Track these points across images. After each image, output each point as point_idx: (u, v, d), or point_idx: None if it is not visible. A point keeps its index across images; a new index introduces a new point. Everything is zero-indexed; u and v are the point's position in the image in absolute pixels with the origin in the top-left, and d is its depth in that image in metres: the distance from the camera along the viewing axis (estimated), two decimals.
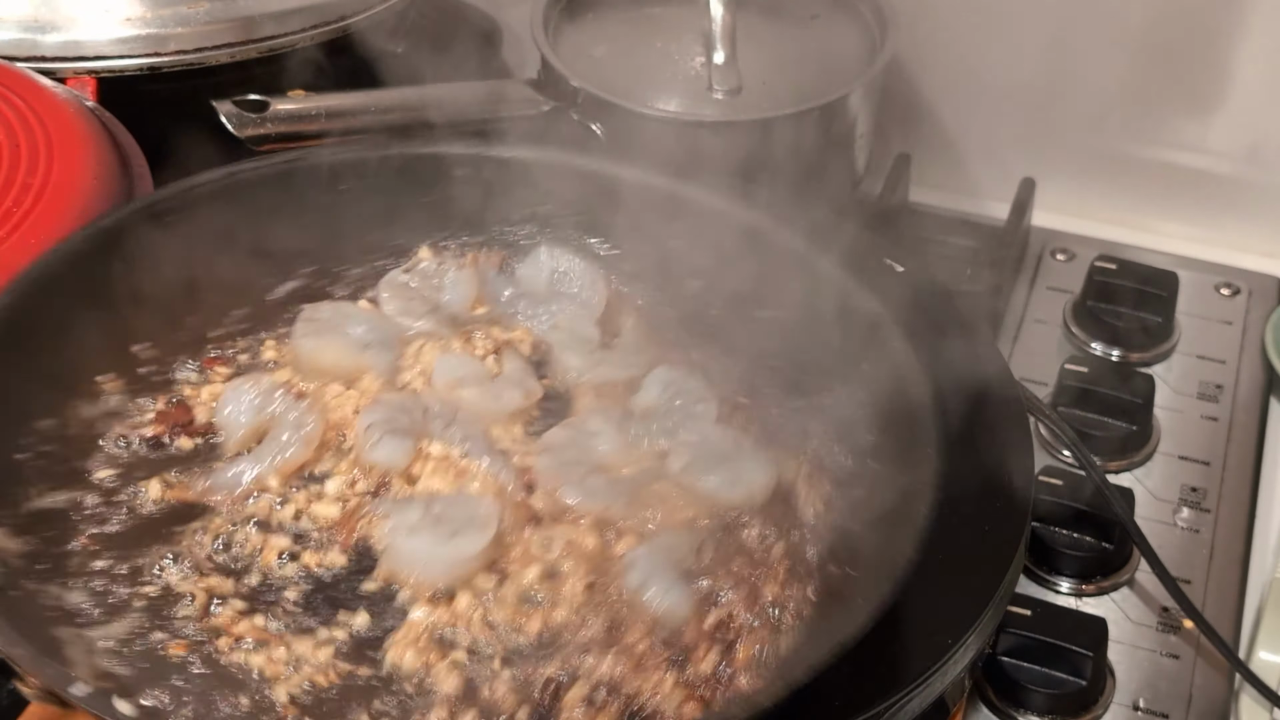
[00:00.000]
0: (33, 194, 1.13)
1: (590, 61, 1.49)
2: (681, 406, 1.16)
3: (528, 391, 1.17)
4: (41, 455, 1.06)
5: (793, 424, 1.16)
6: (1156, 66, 1.59)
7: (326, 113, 1.34)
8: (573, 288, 1.26)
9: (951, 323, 1.15)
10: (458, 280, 1.26)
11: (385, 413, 1.12)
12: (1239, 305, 1.54)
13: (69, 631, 0.95)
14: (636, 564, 1.02)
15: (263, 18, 1.37)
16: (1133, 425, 1.36)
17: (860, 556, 1.03)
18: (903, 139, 1.68)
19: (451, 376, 1.17)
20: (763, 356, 1.20)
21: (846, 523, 1.07)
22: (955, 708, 1.09)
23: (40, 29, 1.32)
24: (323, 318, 1.20)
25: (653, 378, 1.19)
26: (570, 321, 1.22)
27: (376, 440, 1.09)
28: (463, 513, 1.04)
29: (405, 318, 1.22)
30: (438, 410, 1.13)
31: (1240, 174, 1.62)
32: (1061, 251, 1.60)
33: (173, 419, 1.12)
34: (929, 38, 1.63)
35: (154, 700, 0.91)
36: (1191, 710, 1.17)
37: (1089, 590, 1.25)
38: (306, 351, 1.17)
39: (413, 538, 1.02)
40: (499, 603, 1.00)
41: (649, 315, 1.26)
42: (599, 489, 1.08)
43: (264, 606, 1.00)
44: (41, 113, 1.20)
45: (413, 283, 1.26)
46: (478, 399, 1.15)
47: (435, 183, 1.29)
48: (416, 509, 1.04)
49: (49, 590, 0.98)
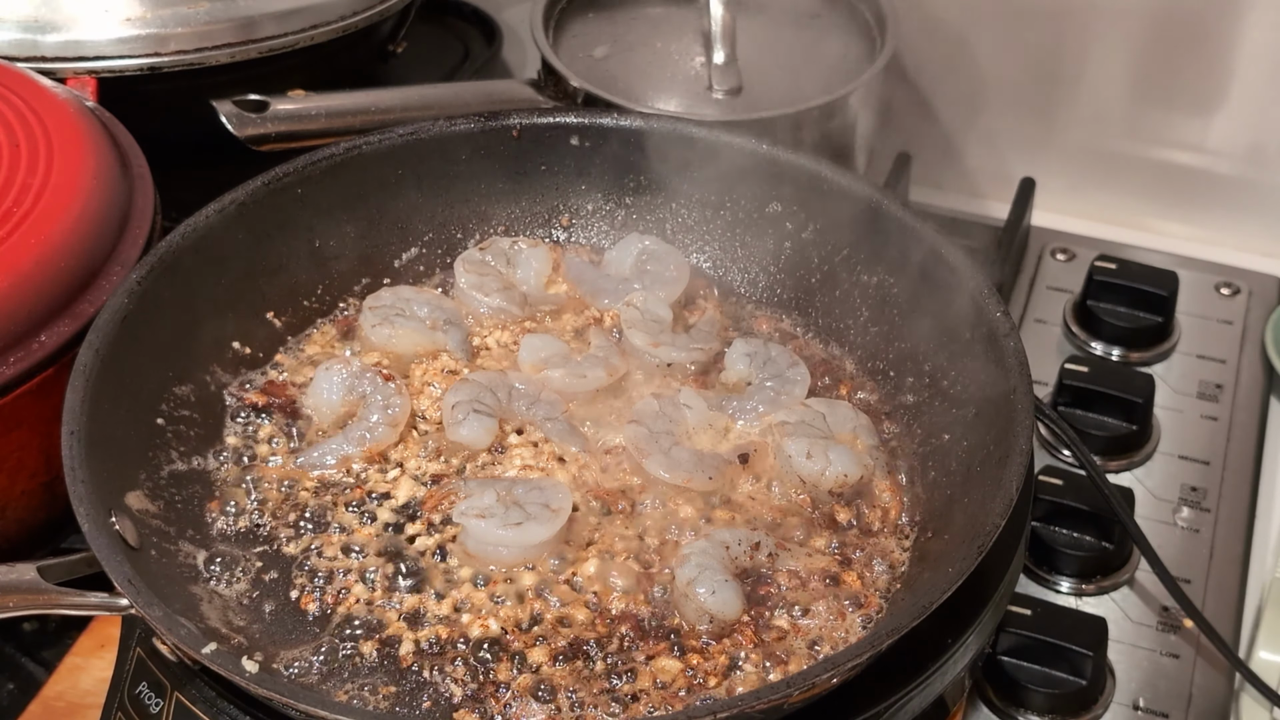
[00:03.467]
0: (33, 194, 1.13)
1: (590, 61, 1.49)
2: (774, 374, 1.18)
3: (612, 369, 1.18)
4: (179, 420, 1.12)
5: (881, 395, 1.19)
6: (1156, 66, 1.59)
7: (326, 113, 1.35)
8: (656, 269, 1.27)
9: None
10: (531, 258, 1.27)
11: (471, 392, 1.14)
12: (1239, 305, 1.54)
13: (203, 589, 1.03)
14: (690, 559, 1.02)
15: (263, 18, 1.37)
16: (1133, 425, 1.36)
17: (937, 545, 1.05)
18: (903, 139, 1.68)
19: (537, 356, 1.18)
20: (849, 329, 1.23)
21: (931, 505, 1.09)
22: (955, 707, 1.09)
23: (40, 29, 1.32)
24: (385, 304, 1.22)
25: (735, 351, 1.20)
26: (645, 302, 1.23)
27: (461, 419, 1.12)
28: (538, 499, 1.06)
29: (478, 293, 1.24)
30: (523, 389, 1.15)
31: (1240, 174, 1.62)
32: (1061, 251, 1.60)
33: (276, 392, 1.17)
34: (929, 38, 1.63)
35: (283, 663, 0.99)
36: (1191, 710, 1.17)
37: (1089, 590, 1.25)
38: (381, 340, 1.20)
39: (484, 521, 1.04)
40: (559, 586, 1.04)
41: (729, 298, 1.29)
42: (684, 461, 1.10)
43: (364, 572, 1.05)
44: (41, 113, 1.20)
45: (489, 259, 1.27)
46: (563, 377, 1.16)
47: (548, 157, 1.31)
48: (493, 492, 1.06)
49: (184, 549, 1.05)
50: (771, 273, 1.29)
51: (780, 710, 0.91)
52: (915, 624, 0.90)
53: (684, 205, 1.31)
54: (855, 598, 1.03)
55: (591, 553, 1.06)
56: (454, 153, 1.28)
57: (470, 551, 1.06)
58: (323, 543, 1.07)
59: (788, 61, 1.50)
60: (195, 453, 1.12)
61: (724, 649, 0.99)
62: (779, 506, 1.10)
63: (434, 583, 1.04)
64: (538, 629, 1.01)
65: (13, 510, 1.12)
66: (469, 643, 1.00)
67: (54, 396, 1.03)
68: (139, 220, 1.19)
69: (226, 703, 0.94)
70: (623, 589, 1.04)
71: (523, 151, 1.30)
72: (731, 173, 1.27)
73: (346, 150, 1.24)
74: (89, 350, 1.05)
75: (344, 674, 0.99)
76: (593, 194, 1.32)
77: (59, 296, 1.11)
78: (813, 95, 1.42)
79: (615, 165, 1.31)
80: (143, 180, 1.23)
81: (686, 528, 1.08)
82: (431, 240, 1.30)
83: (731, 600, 1.00)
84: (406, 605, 1.03)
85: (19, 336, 1.08)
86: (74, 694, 1.15)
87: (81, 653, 1.18)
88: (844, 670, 0.89)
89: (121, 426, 1.06)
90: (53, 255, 1.10)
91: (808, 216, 1.25)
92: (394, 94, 1.40)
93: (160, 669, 0.97)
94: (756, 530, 1.07)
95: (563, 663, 0.99)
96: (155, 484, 1.07)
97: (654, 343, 1.20)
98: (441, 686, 0.98)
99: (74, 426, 1.00)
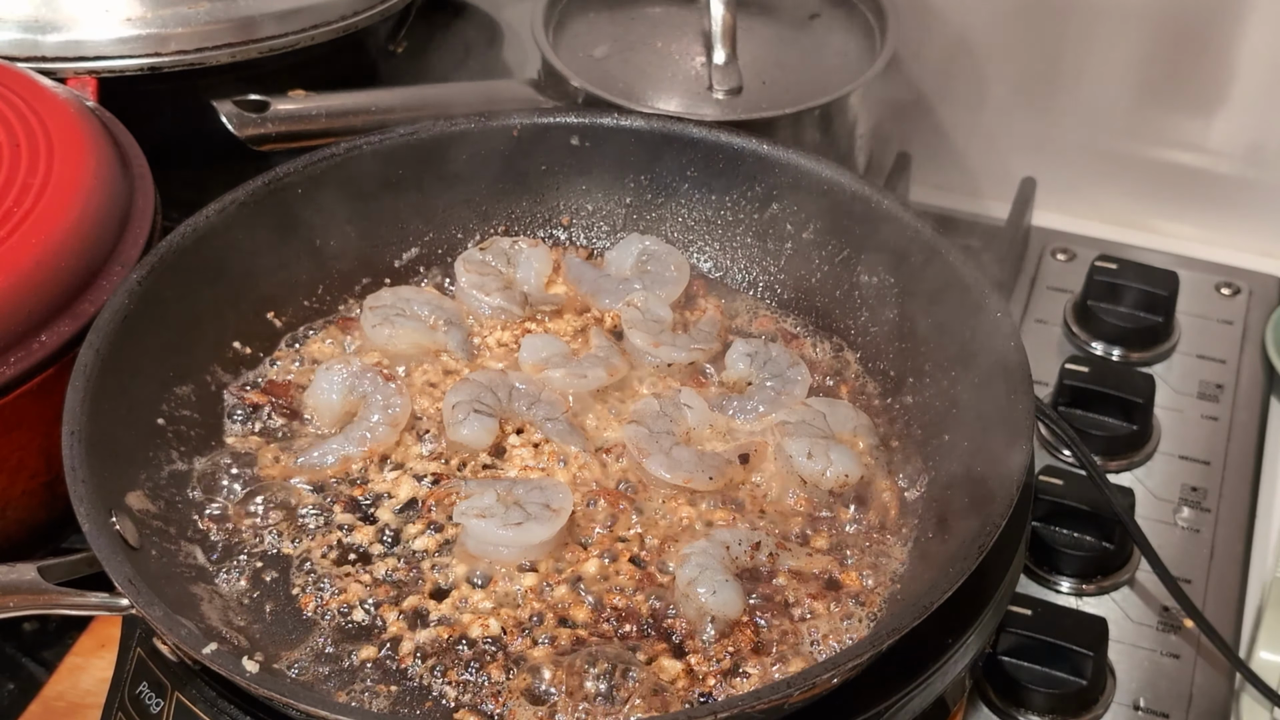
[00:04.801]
0: (33, 194, 1.13)
1: (590, 61, 1.49)
2: (775, 374, 1.18)
3: (612, 368, 1.18)
4: (179, 420, 1.12)
5: (881, 394, 1.19)
6: (1157, 66, 1.59)
7: (326, 113, 1.35)
8: (656, 269, 1.27)
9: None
10: (531, 257, 1.27)
11: (471, 392, 1.14)
12: (1239, 305, 1.54)
13: (203, 589, 1.03)
14: (690, 559, 1.03)
15: (263, 18, 1.37)
16: (1133, 425, 1.36)
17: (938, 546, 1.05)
18: (903, 139, 1.68)
19: (537, 356, 1.18)
20: (850, 329, 1.23)
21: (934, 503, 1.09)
22: (955, 707, 1.09)
23: (40, 29, 1.32)
24: (385, 304, 1.22)
25: (735, 351, 1.20)
26: (645, 302, 1.23)
27: (461, 419, 1.12)
28: (538, 499, 1.06)
29: (478, 292, 1.24)
30: (523, 389, 1.16)
31: (1240, 174, 1.62)
32: (1061, 251, 1.60)
33: (276, 392, 1.17)
34: (929, 38, 1.63)
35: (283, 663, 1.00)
36: (1192, 710, 1.17)
37: (1089, 590, 1.25)
38: (382, 340, 1.20)
39: (484, 521, 1.04)
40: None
41: (729, 298, 1.29)
42: (685, 460, 1.10)
43: (364, 572, 1.06)
44: (41, 113, 1.20)
45: (489, 259, 1.27)
46: (563, 377, 1.17)
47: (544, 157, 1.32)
48: (493, 492, 1.06)
49: (184, 549, 1.05)
50: (771, 273, 1.29)
51: (780, 710, 0.91)
52: (915, 624, 0.90)
53: (684, 205, 1.31)
54: (855, 597, 1.04)
55: (591, 553, 1.06)
56: (454, 153, 1.28)
57: (471, 551, 1.06)
58: (323, 543, 1.07)
59: (788, 61, 1.50)
60: (195, 453, 1.12)
61: (724, 649, 0.99)
62: (779, 506, 1.10)
63: (434, 583, 1.04)
64: (538, 629, 1.01)
65: (13, 510, 1.12)
66: (469, 643, 1.00)
67: (54, 396, 1.03)
68: (139, 220, 1.19)
69: (227, 703, 0.94)
70: (623, 589, 1.04)
71: (523, 151, 1.30)
72: (731, 173, 1.27)
73: (346, 150, 1.24)
74: (89, 350, 1.05)
75: (344, 674, 0.99)
76: (593, 194, 1.33)
77: (59, 296, 1.11)
78: (813, 95, 1.42)
79: (615, 165, 1.31)
80: (143, 180, 1.23)
81: (686, 528, 1.08)
82: (431, 240, 1.30)
83: (732, 600, 1.00)
84: (406, 605, 1.03)
85: (19, 336, 1.08)
86: (74, 694, 1.15)
87: (82, 653, 1.18)
88: (844, 670, 0.89)
89: (121, 426, 1.06)
90: (53, 255, 1.10)
91: (807, 216, 1.26)
92: (394, 94, 1.40)
93: (161, 669, 0.97)
94: (757, 530, 1.07)
95: (564, 663, 0.99)
96: (155, 484, 1.07)
97: (654, 343, 1.20)
98: (441, 687, 0.98)
99: (74, 426, 1.00)
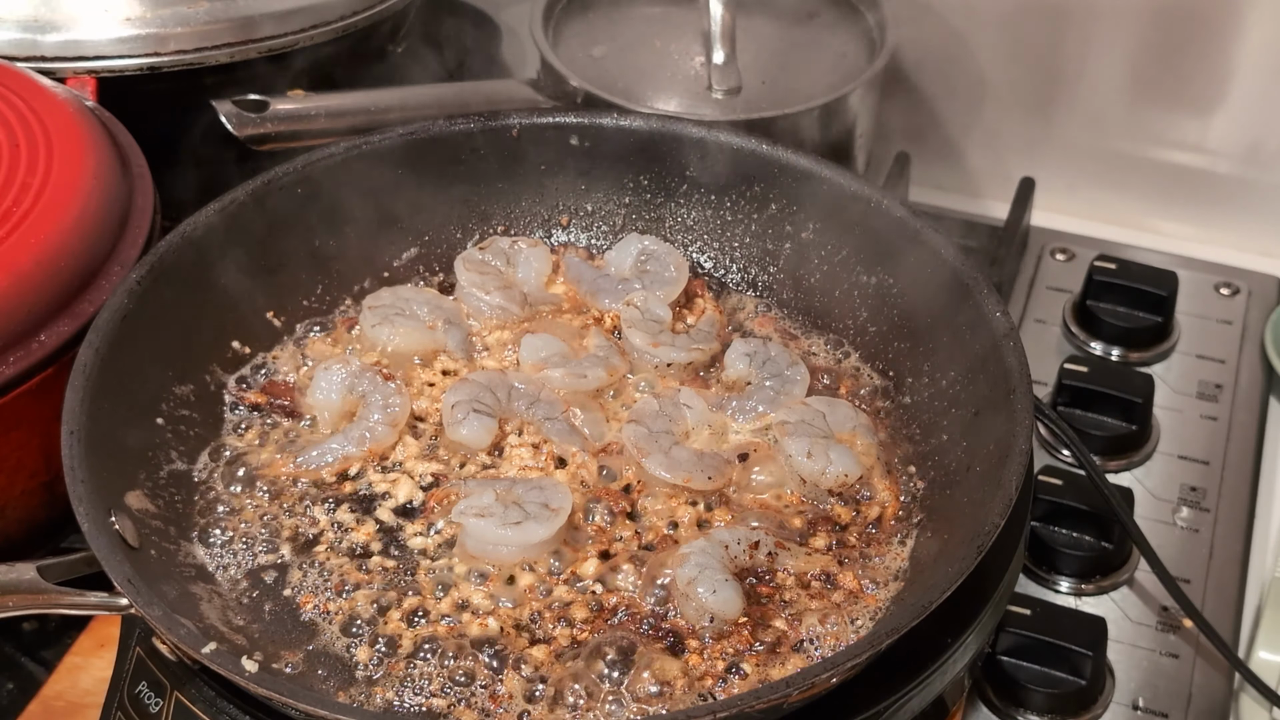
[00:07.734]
0: (33, 194, 1.13)
1: (590, 61, 1.49)
2: (774, 374, 1.18)
3: (612, 369, 1.18)
4: (179, 420, 1.12)
5: (882, 392, 1.19)
6: (1156, 66, 1.59)
7: (326, 113, 1.35)
8: (656, 269, 1.27)
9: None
10: (531, 257, 1.27)
11: (471, 391, 1.14)
12: (1239, 305, 1.54)
13: (203, 589, 1.03)
14: (690, 559, 1.02)
15: (263, 18, 1.37)
16: (1132, 425, 1.36)
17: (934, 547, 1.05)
18: (903, 139, 1.68)
19: (537, 356, 1.18)
20: (849, 329, 1.23)
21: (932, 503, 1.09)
22: (955, 707, 1.09)
23: (40, 29, 1.32)
24: (385, 304, 1.22)
25: (735, 351, 1.20)
26: (644, 301, 1.23)
27: (461, 419, 1.12)
28: (537, 498, 1.06)
29: (478, 292, 1.24)
30: (523, 389, 1.16)
31: (1240, 174, 1.62)
32: (1061, 251, 1.60)
33: (276, 392, 1.17)
34: (929, 38, 1.63)
35: (283, 662, 1.00)
36: (1191, 709, 1.17)
37: (1088, 590, 1.25)
38: (382, 339, 1.20)
39: (484, 520, 1.04)
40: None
41: (729, 298, 1.29)
42: (684, 460, 1.10)
43: (363, 572, 1.06)
44: (41, 113, 1.20)
45: (489, 259, 1.27)
46: (563, 377, 1.17)
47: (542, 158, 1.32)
48: (492, 491, 1.06)
49: (184, 549, 1.05)
50: (771, 273, 1.29)
51: (780, 710, 0.91)
52: (915, 624, 0.90)
53: (683, 205, 1.31)
54: (855, 597, 1.04)
55: (591, 552, 1.06)
56: (454, 153, 1.28)
57: (470, 551, 1.06)
58: (322, 542, 1.07)
59: (787, 61, 1.50)
60: (195, 452, 1.12)
61: (724, 649, 0.99)
62: (778, 506, 1.10)
63: (434, 582, 1.04)
64: (537, 629, 1.01)
65: (13, 510, 1.12)
66: (468, 642, 1.00)
67: (54, 396, 1.03)
68: (139, 220, 1.19)
69: (226, 702, 0.94)
70: (622, 589, 1.04)
71: (523, 151, 1.30)
72: (731, 173, 1.27)
73: (346, 150, 1.24)
74: (89, 350, 1.05)
75: (343, 673, 0.99)
76: (592, 194, 1.33)
77: (59, 296, 1.11)
78: (812, 95, 1.42)
79: (615, 165, 1.31)
80: (143, 180, 1.23)
81: (686, 527, 1.08)
82: (431, 240, 1.31)
83: (731, 599, 1.00)
84: (406, 605, 1.03)
85: (19, 336, 1.08)
86: (74, 693, 1.15)
87: (81, 652, 1.18)
88: (844, 670, 0.89)
89: (121, 426, 1.06)
90: (53, 255, 1.10)
91: (807, 216, 1.25)
92: (394, 94, 1.40)
93: (160, 668, 0.98)
94: (756, 530, 1.07)
95: (562, 662, 0.99)
96: (155, 484, 1.07)
97: (654, 343, 1.20)
98: (440, 686, 0.98)
99: (74, 426, 1.00)
